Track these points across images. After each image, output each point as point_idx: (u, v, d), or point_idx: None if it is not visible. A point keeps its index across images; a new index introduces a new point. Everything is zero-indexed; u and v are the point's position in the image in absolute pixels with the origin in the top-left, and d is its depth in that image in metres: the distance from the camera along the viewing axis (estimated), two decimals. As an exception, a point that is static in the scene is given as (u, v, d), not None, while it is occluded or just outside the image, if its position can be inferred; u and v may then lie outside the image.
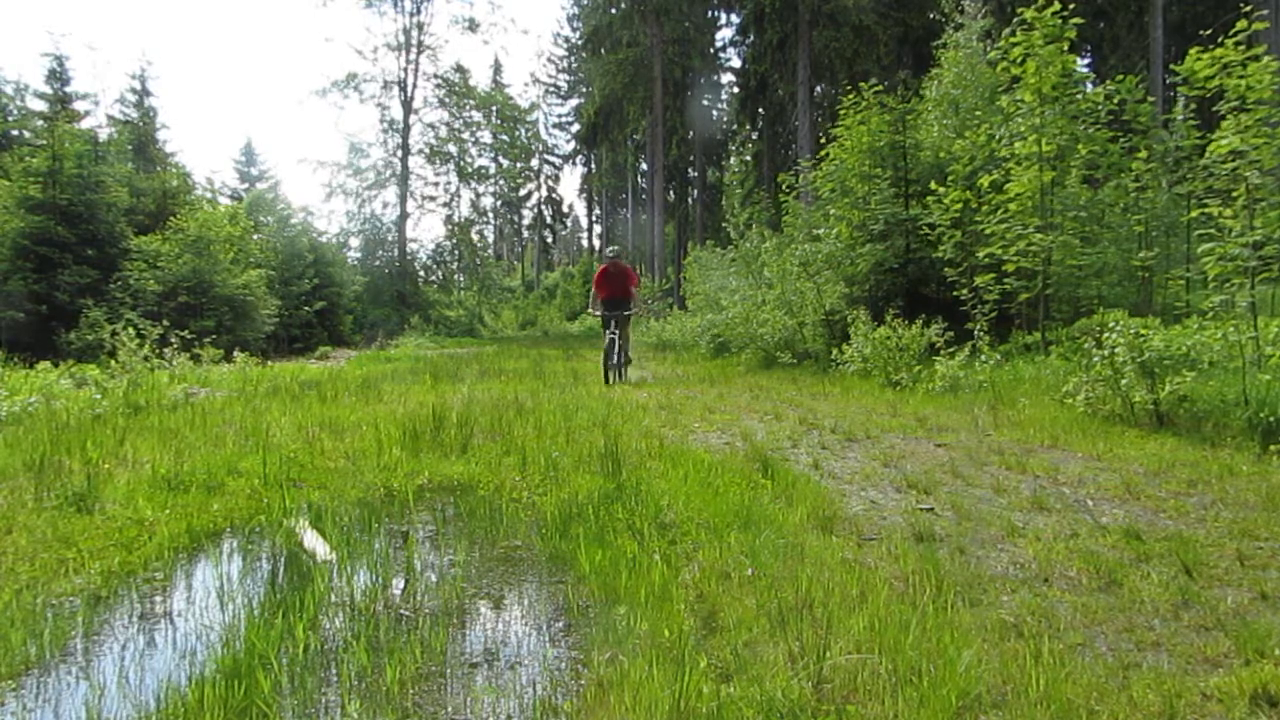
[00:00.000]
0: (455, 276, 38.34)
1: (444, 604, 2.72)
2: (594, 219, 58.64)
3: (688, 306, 21.59)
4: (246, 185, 36.51)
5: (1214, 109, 6.59)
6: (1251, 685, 2.07)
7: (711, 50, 35.60)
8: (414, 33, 33.18)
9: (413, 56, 33.33)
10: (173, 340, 11.57)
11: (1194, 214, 7.98)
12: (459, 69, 35.21)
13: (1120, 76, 9.78)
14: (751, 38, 29.47)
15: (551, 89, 54.21)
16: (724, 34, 35.14)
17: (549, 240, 60.72)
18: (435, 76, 34.51)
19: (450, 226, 36.94)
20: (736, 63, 35.04)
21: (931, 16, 22.24)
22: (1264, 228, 5.91)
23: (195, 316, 16.31)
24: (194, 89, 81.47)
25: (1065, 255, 9.06)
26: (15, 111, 21.93)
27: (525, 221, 60.89)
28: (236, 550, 3.39)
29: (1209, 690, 2.10)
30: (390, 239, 33.97)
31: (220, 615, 2.65)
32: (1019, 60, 9.01)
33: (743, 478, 4.46)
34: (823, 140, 13.95)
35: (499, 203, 52.89)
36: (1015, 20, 9.12)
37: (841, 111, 12.97)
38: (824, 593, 2.66)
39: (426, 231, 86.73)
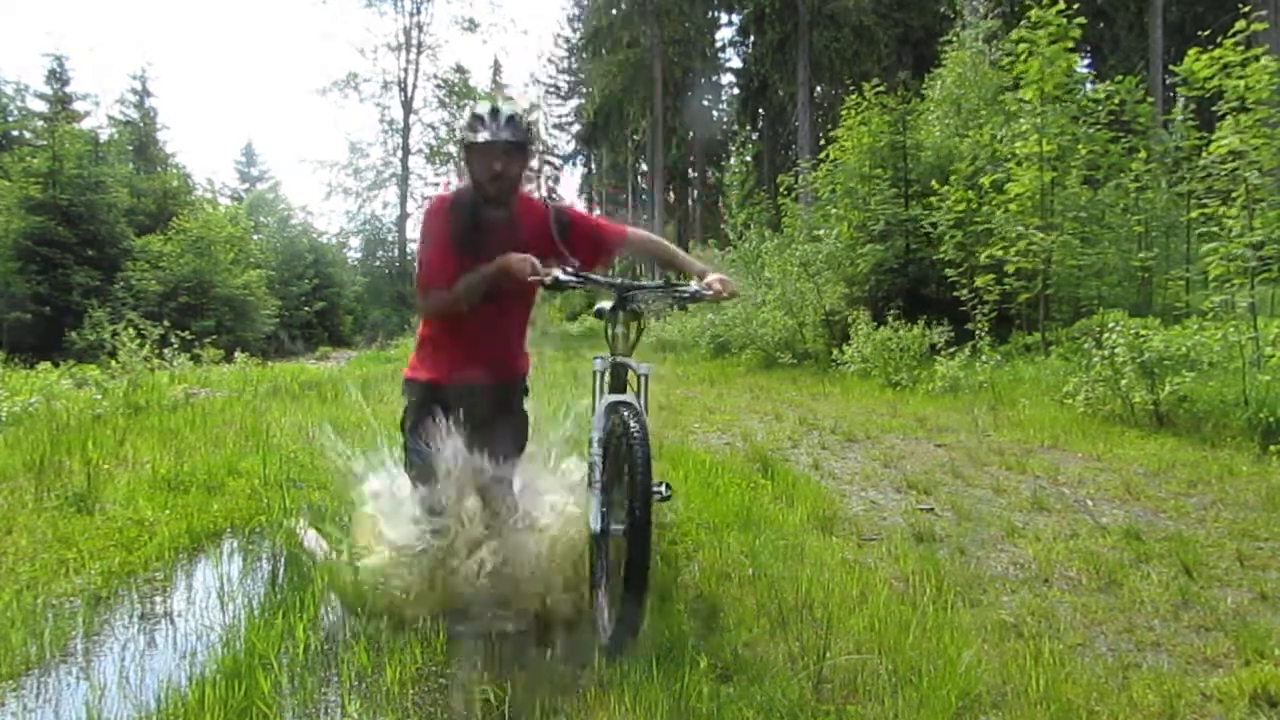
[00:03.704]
0: (456, 277, 38.31)
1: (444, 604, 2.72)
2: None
3: (688, 307, 21.59)
4: (247, 185, 36.56)
5: (1213, 109, 6.59)
6: (1251, 685, 2.07)
7: (711, 50, 35.57)
8: (414, 33, 33.24)
9: (412, 56, 33.41)
10: (173, 340, 11.57)
11: (1194, 214, 7.99)
12: (459, 69, 35.29)
13: (1120, 77, 9.79)
14: (752, 38, 29.46)
15: (551, 89, 54.14)
16: (724, 34, 35.10)
17: (549, 240, 60.65)
18: (435, 76, 34.56)
19: (450, 227, 36.91)
20: (736, 63, 35.03)
21: (940, 10, 22.20)
22: (1263, 228, 5.91)
23: (196, 317, 16.34)
24: (194, 89, 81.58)
25: (1065, 255, 9.07)
26: (15, 112, 21.93)
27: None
28: (236, 550, 3.39)
29: (1209, 690, 2.10)
30: (390, 239, 34.02)
31: (220, 615, 2.65)
32: (1023, 57, 9.03)
33: (743, 478, 4.46)
34: (823, 140, 13.96)
35: (499, 203, 52.82)
36: (1023, 21, 9.14)
37: (843, 112, 12.97)
38: (824, 593, 2.66)
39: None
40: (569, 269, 2.43)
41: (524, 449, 2.80)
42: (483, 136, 2.38)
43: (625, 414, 2.29)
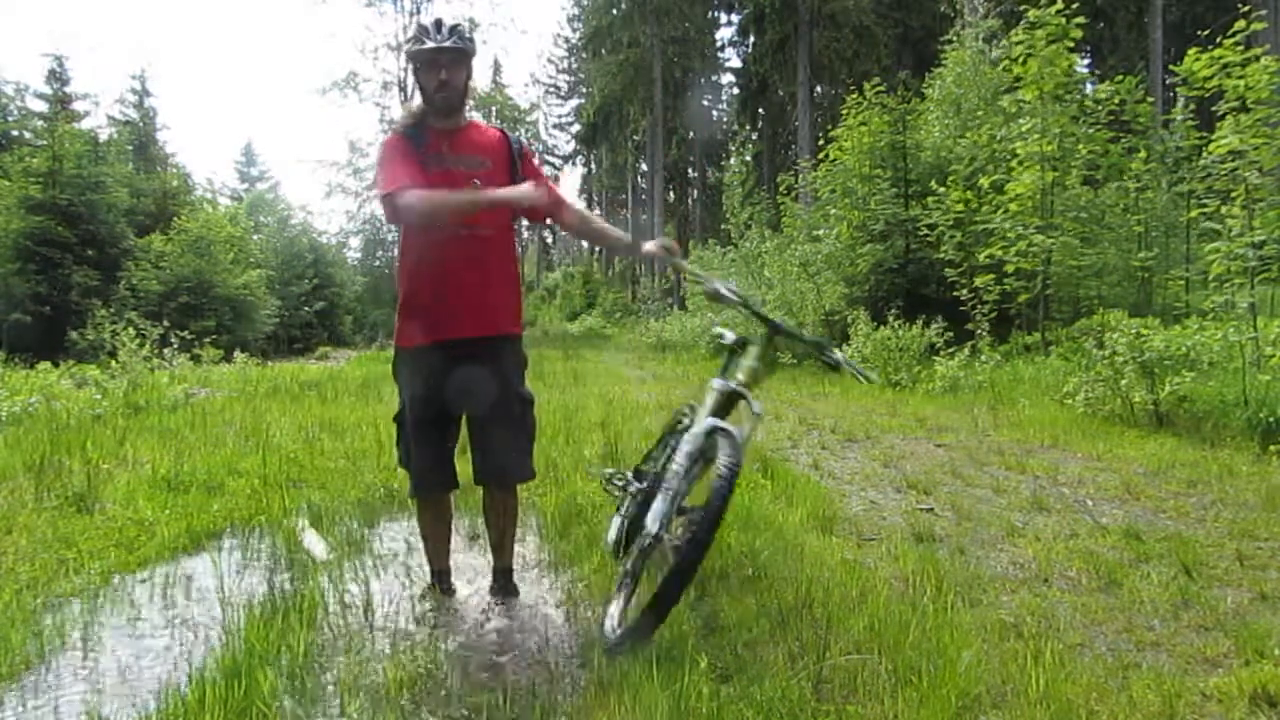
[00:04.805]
0: (455, 277, 38.29)
1: (444, 604, 2.72)
2: (594, 219, 58.64)
3: (687, 306, 21.59)
4: (246, 185, 36.55)
5: (1213, 109, 6.59)
6: (1251, 685, 2.07)
7: (711, 50, 35.57)
8: (414, 33, 33.19)
9: (413, 56, 33.32)
10: (173, 340, 11.57)
11: (1194, 214, 7.99)
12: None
13: (1120, 77, 9.79)
14: (751, 38, 29.50)
15: (551, 89, 54.18)
16: (724, 34, 35.14)
17: (549, 240, 60.71)
18: (435, 76, 34.47)
19: (450, 227, 36.93)
20: (736, 63, 35.06)
21: (940, 10, 22.19)
22: (1263, 228, 5.91)
23: (196, 317, 16.32)
24: (194, 89, 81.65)
25: (1066, 256, 9.07)
26: (15, 111, 21.92)
27: (525, 222, 60.73)
28: (236, 550, 3.39)
29: (1208, 690, 2.10)
30: (390, 239, 33.97)
31: (220, 615, 2.65)
32: (1022, 59, 9.02)
33: (743, 478, 4.44)
34: (822, 140, 13.96)
35: (499, 203, 52.78)
36: (1022, 21, 9.14)
37: (844, 111, 12.97)
38: (824, 593, 2.66)
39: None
40: (731, 286, 2.56)
41: (531, 438, 2.70)
42: (427, 44, 2.47)
43: (725, 442, 2.28)
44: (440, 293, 2.52)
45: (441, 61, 2.48)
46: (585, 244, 61.97)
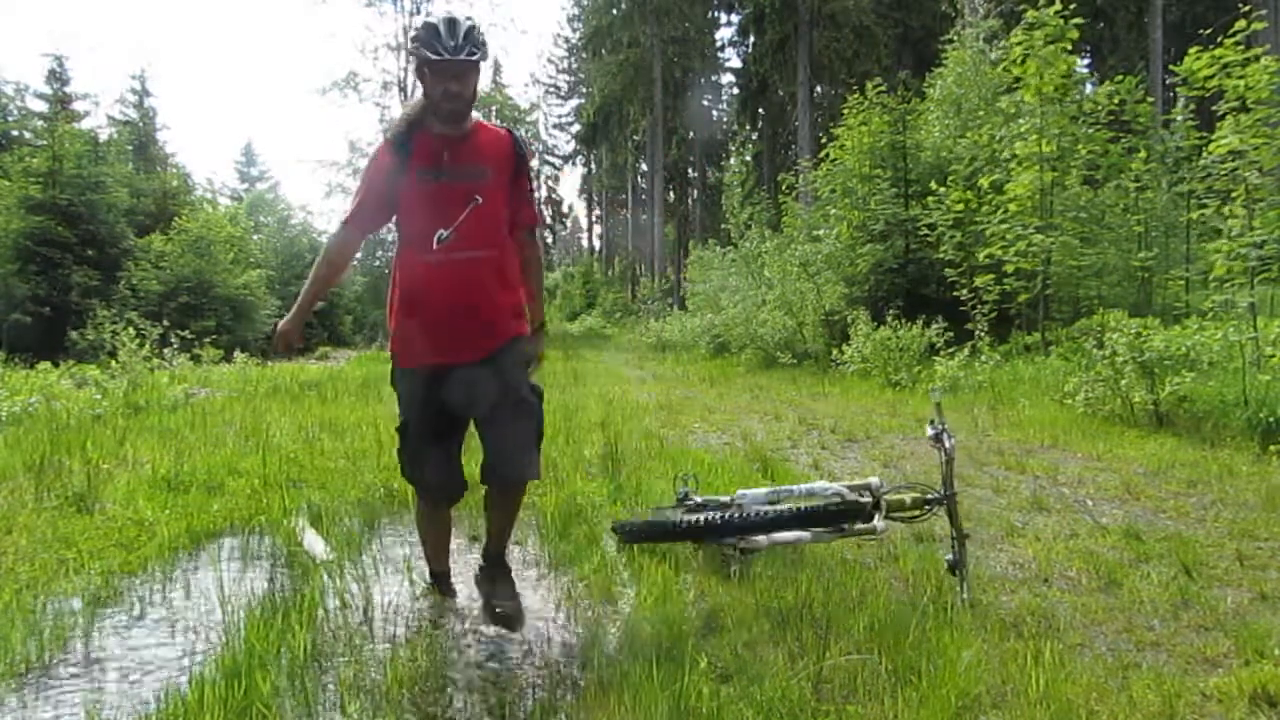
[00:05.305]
0: (456, 277, 38.25)
1: (444, 604, 2.72)
2: (594, 219, 58.70)
3: (688, 306, 21.60)
4: (246, 185, 36.54)
5: (1213, 109, 6.59)
6: (1251, 685, 2.07)
7: (711, 50, 35.54)
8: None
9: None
10: (173, 340, 11.56)
11: (1194, 214, 7.99)
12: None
13: (1120, 77, 9.79)
14: (751, 38, 29.48)
15: (551, 89, 54.18)
16: (724, 34, 35.10)
17: (549, 241, 60.72)
18: (435, 76, 34.43)
19: (450, 227, 36.88)
20: (736, 63, 35.02)
21: (941, 10, 22.17)
22: (1263, 228, 5.91)
23: (196, 317, 16.31)
24: (194, 89, 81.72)
25: (1065, 256, 9.07)
26: (15, 111, 21.92)
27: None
28: (236, 550, 3.38)
29: (1208, 690, 2.10)
30: (390, 239, 33.97)
31: (220, 615, 2.64)
32: (1020, 60, 9.03)
33: (743, 478, 4.45)
34: (823, 140, 13.96)
35: (499, 203, 52.70)
36: (1021, 22, 9.14)
37: (844, 111, 12.98)
38: (824, 593, 2.66)
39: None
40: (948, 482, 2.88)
41: (539, 434, 2.58)
42: (441, 54, 2.30)
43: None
44: (440, 319, 2.42)
45: (454, 71, 2.33)
46: (585, 243, 61.99)
